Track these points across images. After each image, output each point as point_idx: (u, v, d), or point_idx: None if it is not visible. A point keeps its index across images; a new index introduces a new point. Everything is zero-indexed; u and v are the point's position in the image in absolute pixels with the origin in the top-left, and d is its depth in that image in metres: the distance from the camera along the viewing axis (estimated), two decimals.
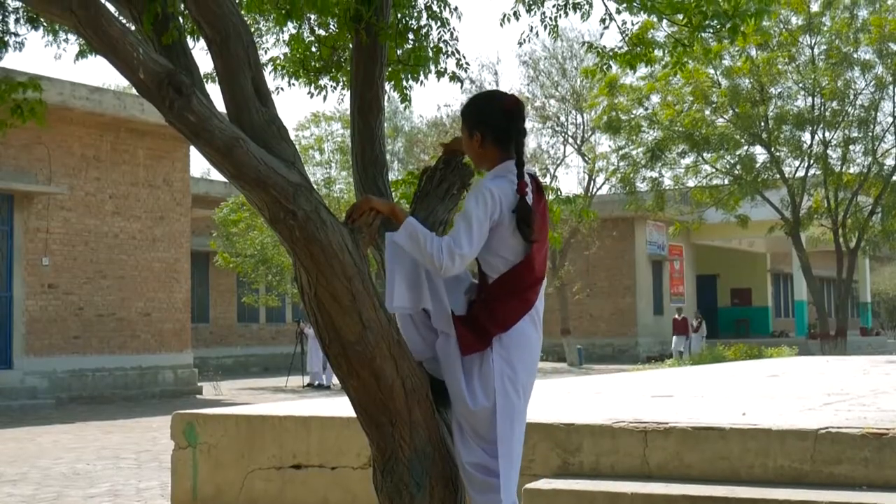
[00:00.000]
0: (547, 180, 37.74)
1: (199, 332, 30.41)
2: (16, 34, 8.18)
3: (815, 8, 28.16)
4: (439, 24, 7.26)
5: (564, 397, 7.98)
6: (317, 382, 24.94)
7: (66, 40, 8.39)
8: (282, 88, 8.13)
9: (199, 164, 57.25)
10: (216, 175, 35.27)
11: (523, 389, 4.07)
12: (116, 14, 6.02)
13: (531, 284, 4.12)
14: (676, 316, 35.87)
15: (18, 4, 7.75)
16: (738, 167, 29.81)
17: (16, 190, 20.29)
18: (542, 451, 5.73)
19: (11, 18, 8.08)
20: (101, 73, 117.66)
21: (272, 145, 4.01)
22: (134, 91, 3.82)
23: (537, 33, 9.66)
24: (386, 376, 4.00)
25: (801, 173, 30.17)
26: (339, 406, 7.12)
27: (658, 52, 8.15)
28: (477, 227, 3.92)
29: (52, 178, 21.08)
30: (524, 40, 9.76)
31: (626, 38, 7.99)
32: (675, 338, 35.30)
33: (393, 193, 7.52)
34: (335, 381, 20.56)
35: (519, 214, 3.98)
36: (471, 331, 4.04)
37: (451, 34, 7.32)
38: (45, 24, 8.04)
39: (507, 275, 4.07)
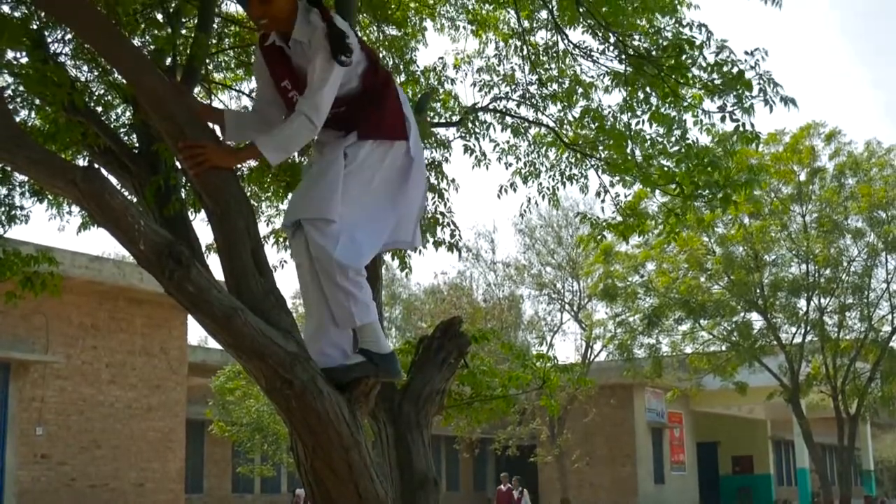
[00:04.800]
0: (544, 349, 37.74)
1: None
2: (21, 207, 8.32)
3: (802, 177, 28.67)
4: (437, 195, 7.41)
5: None
6: None
7: (70, 212, 8.53)
8: (285, 261, 8.23)
9: (196, 332, 57.18)
10: (214, 343, 35.23)
11: None
12: (119, 186, 6.14)
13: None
14: (501, 486, 31.86)
15: (24, 178, 7.90)
16: (735, 334, 29.83)
17: (12, 359, 20.24)
18: None
19: (17, 192, 8.23)
20: (100, 241, 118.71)
21: (270, 315, 4.03)
22: (134, 260, 3.88)
23: (537, 203, 9.87)
24: None
25: (798, 339, 30.17)
26: None
27: (651, 222, 8.30)
28: (332, 86, 4.04)
29: (49, 346, 21.06)
30: (524, 212, 9.97)
31: (620, 208, 8.15)
32: None
33: None
34: None
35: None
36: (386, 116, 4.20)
37: (448, 207, 7.46)
38: (49, 196, 8.19)
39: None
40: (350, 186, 4.07)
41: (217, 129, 4.31)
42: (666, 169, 7.53)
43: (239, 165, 7.76)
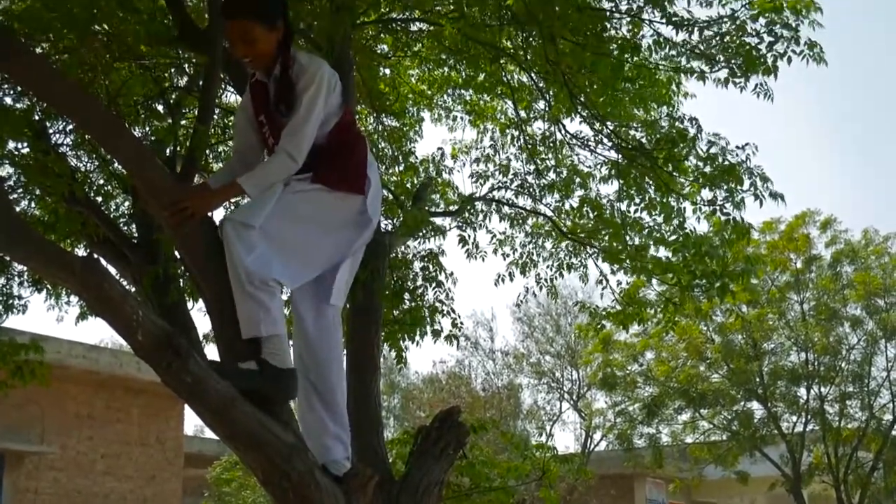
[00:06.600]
0: (543, 438, 37.43)
1: None
2: (19, 297, 8.33)
3: (799, 265, 28.72)
4: (434, 285, 7.42)
5: None
6: None
7: (68, 302, 8.53)
8: None
9: (193, 421, 56.74)
10: (210, 433, 34.92)
11: None
12: (118, 275, 6.15)
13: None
14: None
15: (22, 268, 7.92)
16: (735, 423, 29.62)
17: (7, 450, 20.04)
18: None
19: (15, 281, 8.24)
20: (98, 330, 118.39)
21: None
22: (131, 349, 3.89)
23: (535, 294, 9.86)
24: None
25: (799, 428, 29.92)
26: None
27: (650, 310, 8.31)
28: (313, 126, 4.16)
29: (45, 437, 20.86)
30: (521, 301, 9.97)
31: (619, 297, 8.15)
32: None
33: (389, 453, 7.46)
34: None
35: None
36: (343, 168, 4.26)
37: (447, 294, 7.47)
38: (47, 286, 8.20)
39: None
40: (287, 207, 4.13)
41: None
42: (662, 259, 7.56)
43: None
